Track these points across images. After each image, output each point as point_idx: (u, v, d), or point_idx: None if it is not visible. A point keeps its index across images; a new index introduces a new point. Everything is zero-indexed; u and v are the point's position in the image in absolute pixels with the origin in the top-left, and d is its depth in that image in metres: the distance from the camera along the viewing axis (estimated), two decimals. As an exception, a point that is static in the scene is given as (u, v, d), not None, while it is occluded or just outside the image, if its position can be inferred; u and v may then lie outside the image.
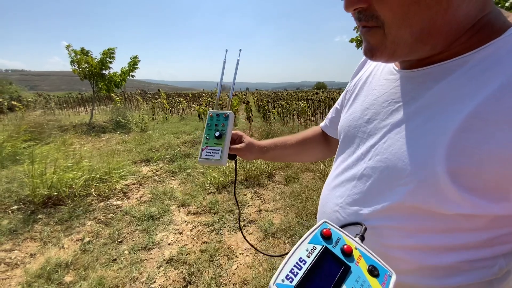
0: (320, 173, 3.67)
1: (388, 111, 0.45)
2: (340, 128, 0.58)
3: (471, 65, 0.36)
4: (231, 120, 0.65)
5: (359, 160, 0.48)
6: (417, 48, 0.38)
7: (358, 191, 0.46)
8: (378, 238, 0.43)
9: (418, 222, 0.39)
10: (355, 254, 0.35)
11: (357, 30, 3.92)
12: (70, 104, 15.27)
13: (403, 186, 0.39)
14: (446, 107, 0.36)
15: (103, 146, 5.42)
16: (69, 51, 7.20)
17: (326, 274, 0.33)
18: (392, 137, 0.42)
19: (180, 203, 2.92)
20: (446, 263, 0.39)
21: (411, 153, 0.38)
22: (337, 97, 14.00)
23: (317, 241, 0.36)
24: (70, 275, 1.83)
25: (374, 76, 0.53)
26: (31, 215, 2.52)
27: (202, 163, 0.64)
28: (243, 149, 0.70)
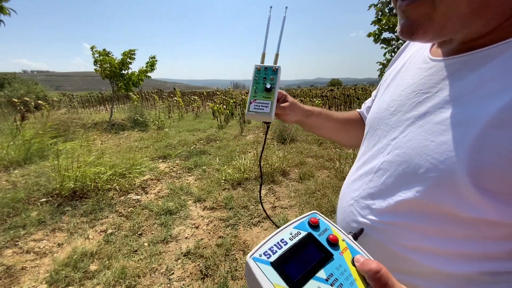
0: (336, 171, 3.61)
1: (413, 102, 0.42)
2: (369, 118, 0.56)
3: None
4: (279, 75, 0.62)
5: (378, 154, 0.46)
6: (471, 23, 0.33)
7: (373, 185, 0.45)
8: (389, 235, 0.41)
9: (434, 223, 0.36)
10: (341, 244, 0.35)
11: (375, 23, 3.79)
12: (91, 103, 15.94)
13: (419, 182, 0.37)
14: (476, 99, 0.33)
15: (122, 143, 5.62)
16: (93, 52, 7.50)
17: (305, 257, 0.32)
18: (414, 130, 0.40)
19: (196, 198, 2.98)
20: (463, 272, 0.35)
21: (431, 148, 0.36)
22: (353, 94, 13.66)
23: (303, 227, 0.36)
24: (95, 264, 1.93)
25: (408, 65, 0.50)
26: (59, 207, 2.67)
27: (250, 116, 0.61)
28: (287, 108, 0.66)
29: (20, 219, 2.43)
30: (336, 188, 3.10)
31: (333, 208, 2.63)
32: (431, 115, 0.38)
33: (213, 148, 5.09)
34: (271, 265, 0.31)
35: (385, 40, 3.90)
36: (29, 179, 3.33)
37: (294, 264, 0.32)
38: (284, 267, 0.31)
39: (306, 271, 0.31)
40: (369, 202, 0.44)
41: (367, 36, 3.83)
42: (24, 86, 16.42)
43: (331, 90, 16.74)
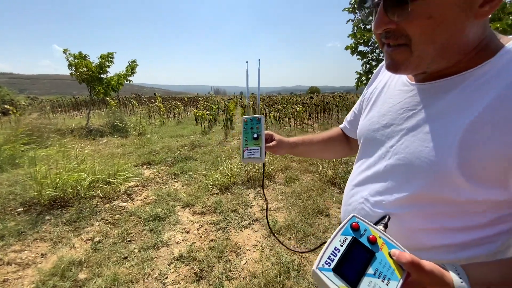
0: (319, 174, 3.79)
1: (403, 117, 0.54)
2: (360, 132, 0.67)
3: (474, 79, 0.44)
4: (263, 122, 0.78)
5: (380, 159, 0.57)
6: (437, 61, 0.46)
7: (381, 186, 0.55)
8: (400, 223, 0.51)
9: (434, 208, 0.47)
10: (379, 242, 0.43)
11: (351, 37, 4.10)
12: (63, 108, 15.09)
13: (420, 179, 0.47)
14: (455, 113, 0.44)
15: (102, 150, 5.42)
16: (67, 55, 7.19)
17: (355, 259, 0.41)
18: (409, 139, 0.51)
19: (184, 203, 2.99)
20: (459, 241, 0.47)
21: (426, 152, 0.47)
22: (331, 101, 14.25)
23: (348, 232, 0.44)
24: (84, 272, 1.88)
25: (389, 86, 0.62)
26: (39, 217, 2.55)
27: (245, 162, 0.76)
28: (275, 146, 0.81)
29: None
30: (320, 190, 3.27)
31: (318, 209, 2.77)
32: (421, 127, 0.49)
33: (198, 154, 5.09)
34: (333, 271, 0.39)
35: (361, 52, 4.22)
36: (2, 188, 3.13)
37: (349, 266, 0.40)
38: (343, 271, 0.40)
39: (359, 270, 0.40)
40: (379, 199, 0.55)
41: (345, 49, 4.12)
42: (-14, 89, 15.18)
43: (311, 98, 17.35)
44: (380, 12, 0.45)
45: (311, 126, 8.51)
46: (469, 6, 0.40)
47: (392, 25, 0.45)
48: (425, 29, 0.42)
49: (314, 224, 2.51)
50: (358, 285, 0.38)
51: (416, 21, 0.42)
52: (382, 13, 0.45)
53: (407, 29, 0.44)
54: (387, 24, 0.45)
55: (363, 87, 4.43)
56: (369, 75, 4.28)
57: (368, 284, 0.38)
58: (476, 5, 0.40)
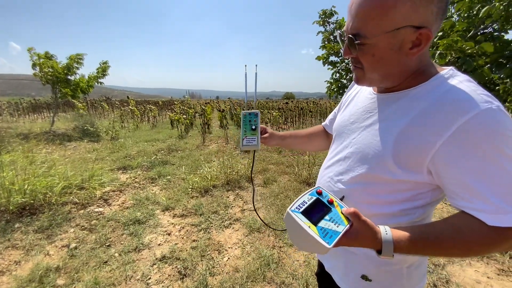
0: (295, 175, 4.01)
1: (364, 117, 0.72)
2: (335, 127, 0.86)
3: (410, 96, 0.61)
4: (259, 117, 0.95)
5: (344, 148, 0.75)
6: (383, 82, 0.65)
7: (342, 168, 0.73)
8: (353, 196, 0.69)
9: (376, 185, 0.65)
10: (335, 203, 0.62)
11: (322, 48, 4.45)
12: (22, 110, 13.86)
13: (368, 163, 0.65)
14: (395, 119, 0.63)
15: (72, 155, 5.15)
16: (31, 54, 6.73)
17: (317, 210, 0.59)
18: (365, 134, 0.69)
19: (164, 207, 3.00)
20: (391, 211, 0.64)
21: (374, 143, 0.65)
22: (306, 107, 14.85)
23: (313, 194, 0.63)
24: (62, 278, 1.84)
25: (360, 93, 0.81)
26: (8, 224, 2.40)
27: (244, 149, 0.90)
28: (268, 138, 0.99)
29: (-42, 241, 2.13)
30: (296, 190, 3.47)
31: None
32: (374, 125, 0.68)
33: (176, 158, 5.06)
34: (301, 213, 0.57)
35: (332, 62, 4.58)
36: (-41, 196, 2.87)
37: (312, 212, 0.57)
38: (308, 214, 0.57)
39: (319, 215, 0.57)
40: (340, 178, 0.73)
41: (316, 59, 4.44)
42: None
43: (286, 103, 17.90)
44: (345, 46, 0.64)
45: (287, 130, 8.82)
46: (400, 49, 0.58)
47: (352, 55, 0.63)
48: (370, 62, 0.60)
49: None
50: (318, 223, 0.56)
51: (365, 56, 0.60)
52: (346, 47, 0.63)
53: (361, 59, 0.62)
54: (349, 54, 0.64)
55: (334, 95, 4.78)
56: (339, 83, 4.64)
57: (324, 224, 0.56)
58: (406, 48, 0.57)
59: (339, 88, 4.51)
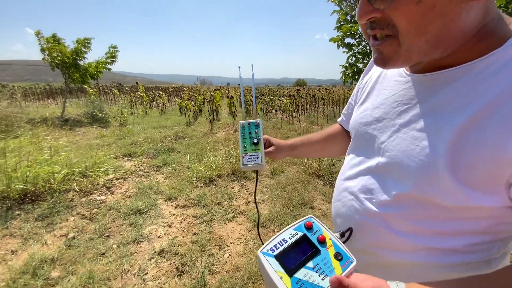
0: (304, 166, 3.81)
1: (397, 111, 0.50)
2: (352, 125, 0.63)
3: (474, 73, 0.39)
4: (261, 127, 0.74)
5: (372, 155, 0.54)
6: (430, 53, 0.41)
7: (371, 182, 0.52)
8: (387, 222, 0.49)
9: (423, 210, 0.44)
10: (328, 242, 0.46)
11: (337, 29, 4.06)
12: (37, 96, 14.17)
13: (409, 179, 0.44)
14: (449, 111, 0.40)
15: (80, 140, 5.15)
16: (39, 38, 6.68)
17: (300, 252, 0.44)
18: (400, 136, 0.47)
19: (167, 197, 2.90)
20: (449, 246, 0.44)
21: (417, 151, 0.43)
22: (318, 94, 14.33)
23: (300, 229, 0.47)
24: (57, 270, 1.78)
25: (385, 76, 0.58)
26: (8, 212, 2.38)
27: (245, 169, 0.72)
28: (274, 152, 0.77)
29: (-42, 227, 2.11)
30: (305, 182, 3.29)
31: (303, 201, 2.79)
32: (414, 123, 0.46)
33: (182, 146, 4.96)
34: (274, 257, 0.43)
35: (348, 45, 4.21)
36: (-35, 181, 2.88)
37: (291, 257, 0.43)
38: (284, 259, 0.43)
39: (299, 262, 0.43)
40: (369, 197, 0.52)
41: (330, 41, 4.09)
42: (-51, 73, 13.93)
43: (298, 90, 17.39)
44: (362, 0, 0.40)
45: (297, 118, 8.53)
46: None
47: (376, 13, 0.39)
48: (413, 17, 0.37)
49: (298, 216, 2.53)
50: (295, 273, 0.42)
51: (403, 7, 0.36)
52: (365, 0, 0.39)
53: (393, 17, 0.38)
54: (371, 13, 0.39)
55: (349, 80, 4.45)
56: (354, 68, 4.30)
57: (304, 275, 0.42)
58: None
59: (355, 73, 4.18)
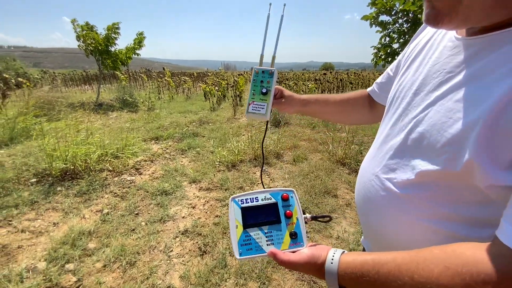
0: (329, 154, 3.69)
1: (436, 82, 0.44)
2: (389, 97, 0.58)
3: None
4: (275, 77, 0.69)
5: (399, 131, 0.48)
6: (494, 13, 0.34)
7: (395, 161, 0.47)
8: (409, 206, 0.44)
9: (450, 191, 0.39)
10: (292, 220, 0.49)
11: (371, 5, 3.72)
12: (75, 81, 15.20)
13: (437, 156, 0.39)
14: (494, 79, 0.34)
15: (112, 124, 5.47)
16: (74, 26, 7.03)
17: (263, 214, 0.49)
18: (435, 109, 0.41)
19: (191, 179, 3.00)
20: (481, 237, 0.37)
21: (449, 124, 0.38)
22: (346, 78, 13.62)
23: (275, 197, 0.51)
24: (93, 242, 1.95)
25: (433, 42, 0.50)
26: (51, 187, 2.63)
27: (249, 117, 0.69)
28: (284, 104, 0.73)
29: (12, 199, 2.38)
30: (329, 170, 3.19)
31: (326, 189, 2.71)
32: (451, 94, 0.40)
33: (206, 131, 5.05)
34: (240, 208, 0.49)
35: (381, 23, 3.86)
36: (16, 159, 3.22)
37: (253, 214, 0.49)
38: (246, 213, 0.49)
39: (257, 222, 0.48)
40: (390, 176, 0.47)
41: (362, 18, 3.77)
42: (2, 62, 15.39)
43: (324, 74, 16.66)
44: None
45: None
46: None
47: None
48: None
49: (320, 204, 2.47)
50: (249, 228, 0.48)
51: None
52: None
53: None
54: None
55: (381, 63, 4.12)
56: (388, 49, 3.96)
57: (255, 234, 0.47)
58: None
59: (389, 54, 3.85)
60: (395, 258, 0.36)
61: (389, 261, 0.36)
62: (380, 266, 0.36)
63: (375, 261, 0.37)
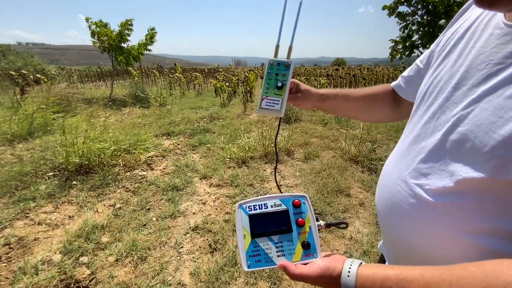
0: (342, 151, 3.60)
1: (483, 74, 0.38)
2: (420, 91, 0.51)
3: None
4: (291, 70, 0.63)
5: (434, 131, 0.43)
6: None
7: (427, 165, 0.42)
8: (444, 217, 0.39)
9: (497, 202, 0.34)
10: (305, 228, 0.45)
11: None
12: (90, 78, 15.60)
13: (484, 162, 0.34)
14: None
15: (125, 119, 5.56)
16: (89, 23, 7.17)
17: (273, 223, 0.45)
18: (481, 106, 0.36)
19: (202, 175, 3.00)
20: None
21: (499, 124, 0.33)
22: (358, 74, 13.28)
23: (286, 203, 0.47)
24: (106, 236, 1.98)
25: (475, 29, 0.44)
26: (67, 181, 2.69)
27: (261, 112, 0.64)
28: (300, 99, 0.68)
29: (29, 192, 2.46)
30: (342, 169, 3.11)
31: (339, 188, 2.64)
32: (502, 89, 0.34)
33: (217, 127, 5.05)
34: (248, 216, 0.46)
35: (400, 14, 3.69)
36: (34, 153, 3.33)
37: (262, 223, 0.45)
38: (255, 221, 0.45)
39: (266, 231, 0.45)
40: (422, 182, 0.42)
41: (382, 9, 3.61)
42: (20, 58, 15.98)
43: (337, 70, 16.30)
44: None
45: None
46: None
47: None
48: None
49: (333, 204, 2.41)
50: (257, 238, 0.44)
51: None
52: None
53: None
54: None
55: (398, 57, 3.96)
56: (406, 42, 3.79)
57: (264, 244, 0.44)
58: None
59: (407, 47, 3.68)
60: (422, 275, 0.32)
61: (416, 278, 0.32)
62: (405, 283, 0.32)
63: (399, 277, 0.33)
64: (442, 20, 3.31)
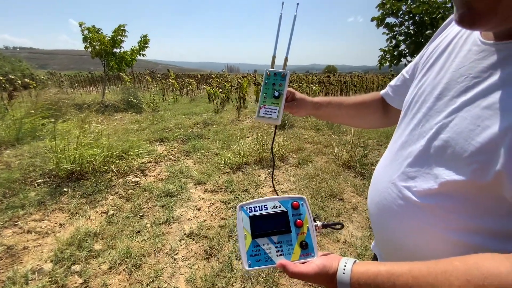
0: (334, 157, 3.66)
1: (462, 87, 0.42)
2: (406, 100, 0.56)
3: None
4: (287, 80, 0.67)
5: (420, 137, 0.46)
6: None
7: (414, 168, 0.46)
8: (431, 217, 0.42)
9: (478, 203, 0.37)
10: (303, 229, 0.47)
11: (380, 7, 3.70)
12: (80, 83, 15.35)
13: (464, 166, 0.37)
14: None
15: (117, 125, 5.49)
16: (82, 28, 7.12)
17: (273, 223, 0.47)
18: (461, 115, 0.40)
19: (196, 181, 2.99)
20: (508, 250, 0.34)
21: (477, 132, 0.36)
22: (349, 81, 13.61)
23: (285, 204, 0.49)
24: (99, 243, 1.94)
25: (455, 45, 0.48)
26: (57, 188, 2.63)
27: (259, 120, 0.68)
28: (295, 107, 0.72)
29: (18, 199, 2.39)
30: (335, 174, 3.16)
31: (332, 192, 2.69)
32: (479, 100, 0.38)
33: (211, 132, 5.05)
34: (249, 217, 0.48)
35: (388, 25, 3.85)
36: (23, 159, 3.25)
37: (263, 223, 0.47)
38: (255, 222, 0.47)
39: (267, 231, 0.47)
40: (410, 185, 0.45)
41: (371, 20, 3.76)
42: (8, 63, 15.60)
43: (328, 77, 16.64)
44: None
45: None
46: None
47: None
48: None
49: (327, 208, 2.44)
50: (258, 239, 0.46)
51: None
52: None
53: None
54: None
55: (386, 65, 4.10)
56: (394, 52, 3.94)
57: (264, 243, 0.46)
58: None
59: (394, 57, 3.82)
60: (411, 269, 0.35)
61: (405, 272, 0.35)
62: (395, 277, 0.35)
63: (389, 272, 0.36)
64: (428, 31, 3.47)
